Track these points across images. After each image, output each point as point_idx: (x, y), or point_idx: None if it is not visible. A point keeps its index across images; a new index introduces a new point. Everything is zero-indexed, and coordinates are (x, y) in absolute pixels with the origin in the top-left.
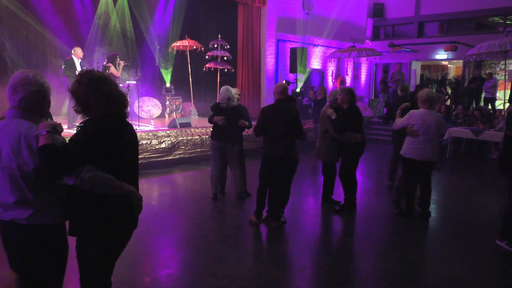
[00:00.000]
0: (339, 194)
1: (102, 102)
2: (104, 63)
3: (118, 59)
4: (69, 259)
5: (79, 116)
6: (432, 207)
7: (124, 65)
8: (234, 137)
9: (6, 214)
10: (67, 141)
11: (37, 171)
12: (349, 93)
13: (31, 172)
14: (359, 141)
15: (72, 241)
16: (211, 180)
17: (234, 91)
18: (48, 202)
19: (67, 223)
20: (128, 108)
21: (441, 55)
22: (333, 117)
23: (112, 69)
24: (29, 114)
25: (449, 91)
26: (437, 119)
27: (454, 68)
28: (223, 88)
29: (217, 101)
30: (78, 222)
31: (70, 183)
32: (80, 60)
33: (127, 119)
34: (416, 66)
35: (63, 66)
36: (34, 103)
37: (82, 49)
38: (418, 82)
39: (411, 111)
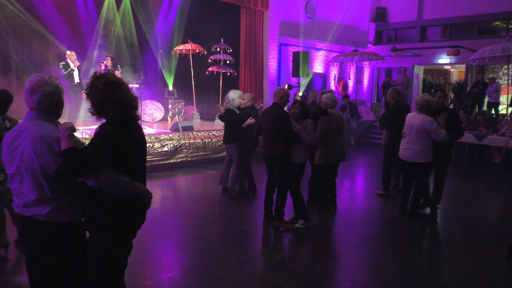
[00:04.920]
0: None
1: (117, 107)
2: (109, 67)
3: (106, 62)
4: None
5: (75, 119)
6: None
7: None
8: (230, 137)
9: (27, 210)
10: (86, 144)
11: (60, 173)
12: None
13: (53, 172)
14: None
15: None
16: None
17: (232, 94)
18: (66, 201)
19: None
20: (139, 111)
21: (443, 59)
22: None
23: (117, 74)
24: (47, 116)
25: (451, 95)
26: (420, 122)
27: (456, 73)
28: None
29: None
30: (92, 217)
31: (89, 184)
32: (74, 63)
33: (139, 121)
34: (419, 71)
35: (62, 70)
36: (51, 104)
37: (85, 52)
38: (420, 86)
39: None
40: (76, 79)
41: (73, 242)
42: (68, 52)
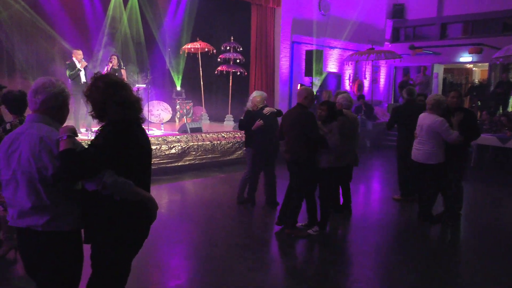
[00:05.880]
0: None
1: (119, 108)
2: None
3: (113, 61)
4: (83, 269)
5: (95, 120)
6: None
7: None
8: (245, 140)
9: (22, 221)
10: (87, 146)
11: (58, 176)
12: None
13: (51, 177)
14: None
15: (86, 251)
16: None
17: (254, 94)
18: (65, 208)
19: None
20: (142, 113)
21: (465, 57)
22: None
23: (123, 72)
24: (49, 119)
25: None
26: (430, 123)
27: (479, 72)
28: None
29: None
30: (94, 229)
31: (90, 189)
32: (81, 62)
33: (142, 125)
34: (439, 70)
35: (66, 70)
36: (54, 106)
37: (92, 51)
38: (440, 86)
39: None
40: (83, 79)
41: (71, 253)
42: (74, 51)
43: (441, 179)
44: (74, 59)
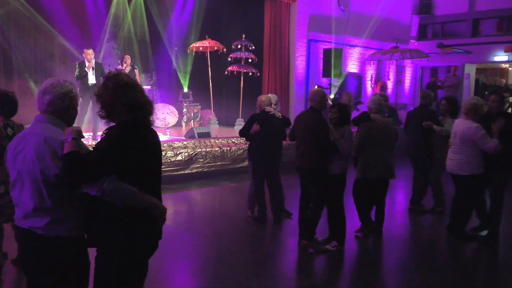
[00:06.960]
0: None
1: (128, 109)
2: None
3: (127, 61)
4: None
5: (100, 123)
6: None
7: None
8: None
9: (25, 222)
10: (92, 149)
11: (60, 178)
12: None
13: (53, 177)
14: None
15: (92, 255)
16: None
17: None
18: (67, 212)
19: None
20: (153, 116)
21: (500, 56)
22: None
23: (136, 72)
24: (55, 120)
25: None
26: (464, 129)
27: None
28: None
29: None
30: (96, 232)
31: (92, 193)
32: (89, 63)
33: (152, 127)
34: (470, 70)
35: (76, 70)
36: (61, 107)
37: (94, 50)
38: (472, 88)
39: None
40: (91, 80)
41: (74, 260)
42: (85, 50)
43: (477, 191)
44: (85, 59)
